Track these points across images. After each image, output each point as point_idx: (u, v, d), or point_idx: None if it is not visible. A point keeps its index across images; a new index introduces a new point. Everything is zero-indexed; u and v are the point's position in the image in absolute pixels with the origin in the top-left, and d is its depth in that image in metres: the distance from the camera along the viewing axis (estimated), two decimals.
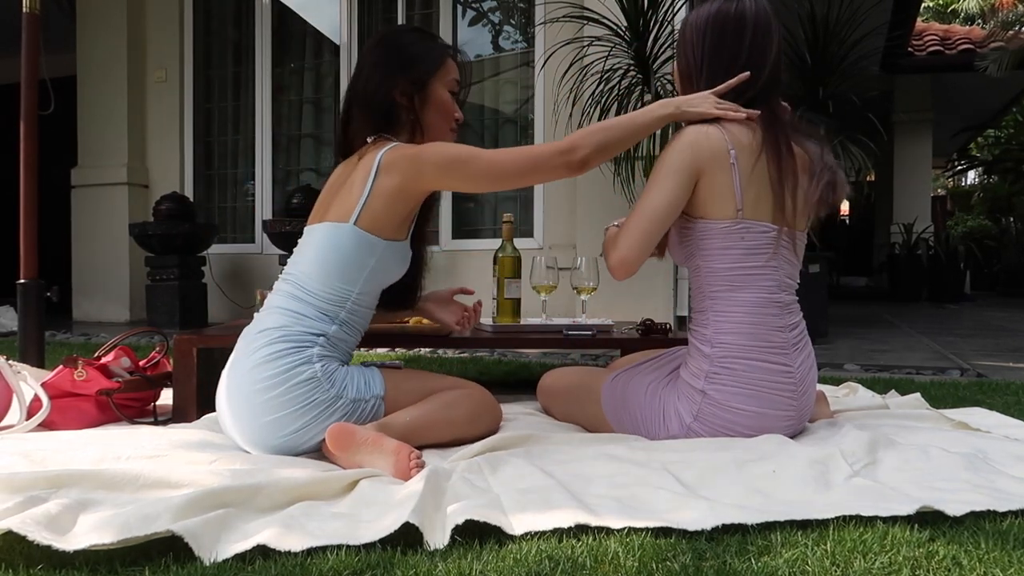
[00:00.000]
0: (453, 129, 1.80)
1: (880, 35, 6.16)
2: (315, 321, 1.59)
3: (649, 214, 1.56)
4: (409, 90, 1.68)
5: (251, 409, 1.53)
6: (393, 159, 1.60)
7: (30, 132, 2.58)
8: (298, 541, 1.05)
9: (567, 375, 1.92)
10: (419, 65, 1.70)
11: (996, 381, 2.70)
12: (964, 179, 15.67)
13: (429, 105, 1.72)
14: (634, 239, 1.55)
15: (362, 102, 1.71)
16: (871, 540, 1.05)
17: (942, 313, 6.36)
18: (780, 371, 1.56)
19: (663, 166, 1.58)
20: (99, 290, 5.32)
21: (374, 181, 1.60)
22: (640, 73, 3.39)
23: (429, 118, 1.72)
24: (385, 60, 1.69)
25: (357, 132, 1.73)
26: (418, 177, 1.60)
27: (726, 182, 1.56)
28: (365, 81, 1.70)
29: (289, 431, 1.53)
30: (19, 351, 2.50)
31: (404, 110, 1.70)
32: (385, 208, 1.60)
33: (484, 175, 1.59)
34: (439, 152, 1.59)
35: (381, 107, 1.68)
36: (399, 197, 1.61)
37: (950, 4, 13.81)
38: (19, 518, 1.04)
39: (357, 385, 1.61)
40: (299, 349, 1.55)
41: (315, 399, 1.53)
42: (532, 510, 1.15)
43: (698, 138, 1.57)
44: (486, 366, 3.11)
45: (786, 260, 1.62)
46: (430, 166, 1.58)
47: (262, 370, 1.53)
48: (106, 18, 5.32)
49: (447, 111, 1.75)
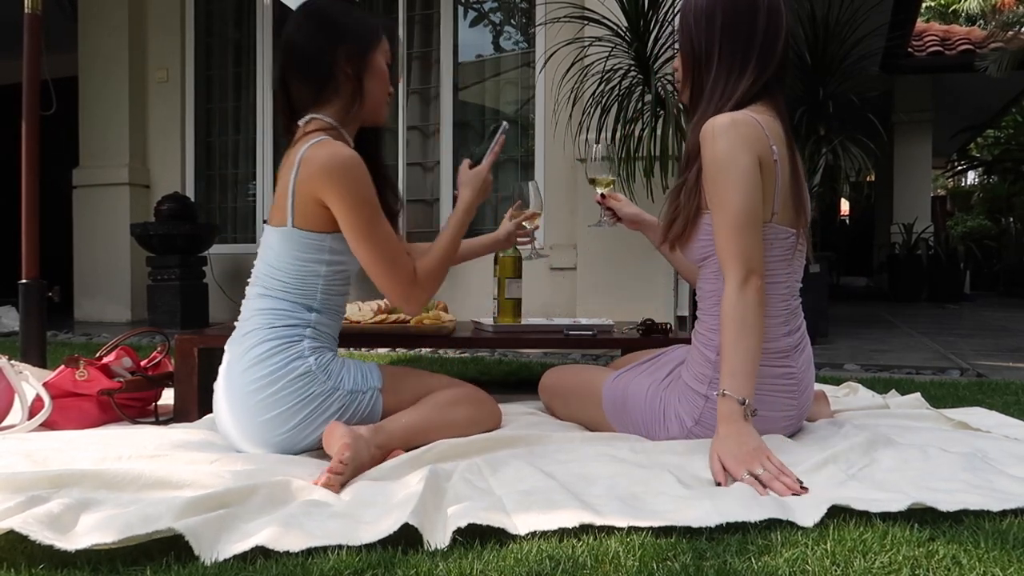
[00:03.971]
0: (386, 102, 1.76)
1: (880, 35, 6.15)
2: (295, 312, 1.58)
3: (739, 225, 1.44)
4: (354, 57, 1.63)
5: (248, 410, 1.53)
6: (306, 161, 1.54)
7: (32, 132, 2.58)
8: (297, 541, 1.05)
9: (568, 374, 1.92)
10: (359, 34, 1.66)
11: (996, 381, 2.70)
12: (964, 179, 15.67)
13: (369, 74, 1.66)
14: (736, 253, 1.44)
15: (302, 74, 1.65)
16: (871, 539, 1.06)
17: (942, 313, 6.36)
18: (783, 374, 1.55)
19: (723, 164, 1.46)
20: (100, 290, 5.32)
21: (295, 181, 1.56)
22: (640, 73, 3.39)
23: (369, 87, 1.67)
24: (324, 31, 1.64)
25: (299, 105, 1.67)
26: (320, 193, 1.54)
27: (769, 179, 1.49)
28: (303, 52, 1.64)
29: (288, 427, 1.53)
30: (21, 351, 2.50)
31: (347, 79, 1.64)
32: (315, 205, 1.56)
33: (364, 236, 1.55)
34: (349, 192, 1.53)
35: (323, 76, 1.63)
36: (319, 199, 1.56)
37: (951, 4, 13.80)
38: (21, 517, 1.04)
39: (354, 377, 1.60)
40: (289, 344, 1.55)
41: (312, 392, 1.54)
42: (535, 510, 1.15)
43: (738, 125, 1.47)
44: (487, 366, 3.12)
45: (799, 265, 1.61)
46: (332, 196, 1.53)
47: (257, 370, 1.53)
48: (107, 19, 5.32)
49: (385, 82, 1.71)
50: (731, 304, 1.43)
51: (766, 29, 1.53)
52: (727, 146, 1.46)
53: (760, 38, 1.53)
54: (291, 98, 1.68)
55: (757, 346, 1.42)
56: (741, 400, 1.38)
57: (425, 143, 4.89)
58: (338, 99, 1.66)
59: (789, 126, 1.59)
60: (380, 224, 1.57)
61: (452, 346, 2.25)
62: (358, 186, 1.54)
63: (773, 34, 1.54)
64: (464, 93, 4.81)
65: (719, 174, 1.47)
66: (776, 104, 1.58)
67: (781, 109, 1.59)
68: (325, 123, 1.64)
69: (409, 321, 2.20)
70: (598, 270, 3.86)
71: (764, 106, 1.55)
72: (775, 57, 1.55)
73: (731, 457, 1.33)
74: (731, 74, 1.54)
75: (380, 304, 2.30)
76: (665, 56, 3.37)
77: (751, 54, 1.53)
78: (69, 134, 5.33)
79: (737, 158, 1.45)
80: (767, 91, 1.56)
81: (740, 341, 1.41)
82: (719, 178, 1.47)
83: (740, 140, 1.46)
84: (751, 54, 1.53)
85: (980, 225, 11.27)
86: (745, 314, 1.42)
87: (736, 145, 1.46)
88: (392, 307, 2.30)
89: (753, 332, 1.42)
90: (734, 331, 1.42)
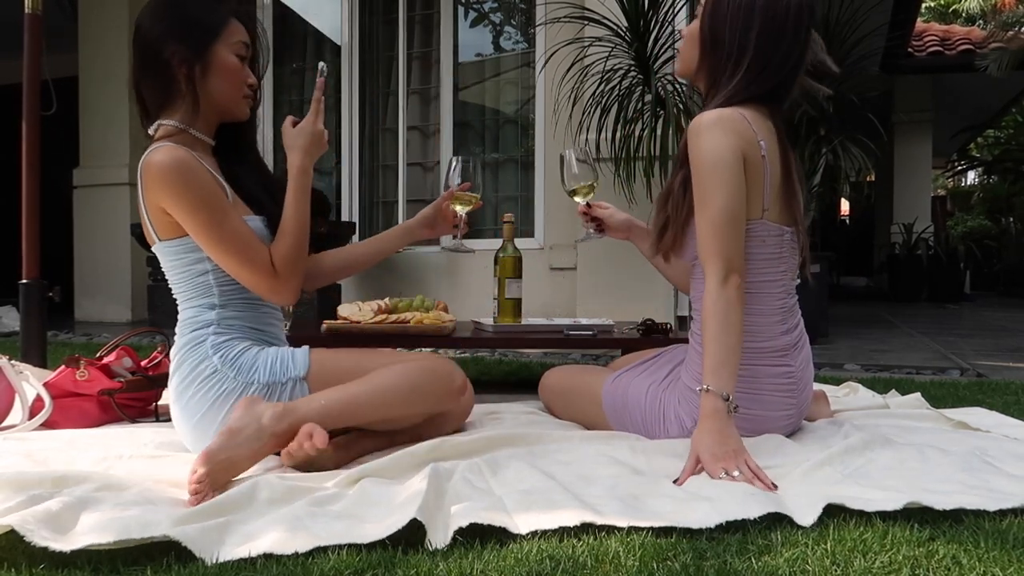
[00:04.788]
0: (247, 96, 1.61)
1: (880, 35, 6.15)
2: (198, 316, 1.54)
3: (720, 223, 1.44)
4: (188, 57, 1.52)
5: (179, 416, 1.54)
6: (143, 173, 1.49)
7: (32, 132, 2.58)
8: (304, 544, 1.05)
9: (568, 375, 1.92)
10: (198, 29, 1.53)
11: (996, 381, 2.71)
12: (964, 179, 15.67)
13: (212, 72, 1.54)
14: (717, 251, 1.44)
15: (143, 71, 1.55)
16: (871, 539, 1.06)
17: (942, 313, 6.36)
18: (782, 373, 1.55)
19: (706, 161, 1.45)
20: (101, 290, 5.32)
21: (142, 196, 1.52)
22: (640, 73, 3.39)
23: (214, 85, 1.55)
24: (164, 23, 1.53)
25: (151, 106, 1.58)
26: (160, 202, 1.49)
27: (756, 176, 1.49)
28: (142, 49, 1.54)
29: (215, 429, 1.45)
30: (21, 351, 2.50)
31: (184, 79, 1.53)
32: (164, 214, 1.50)
33: (209, 236, 1.47)
34: (181, 196, 1.46)
35: (162, 77, 1.53)
36: (162, 208, 1.50)
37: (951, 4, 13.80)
38: (19, 516, 1.04)
39: (271, 368, 1.52)
40: (194, 347, 1.52)
41: (224, 389, 1.50)
42: (536, 510, 1.15)
43: (724, 122, 1.46)
44: (487, 366, 3.12)
45: (795, 263, 1.60)
46: (168, 203, 1.48)
47: (175, 379, 1.54)
48: (108, 18, 5.32)
49: (235, 77, 1.57)
50: (712, 300, 1.43)
51: (789, 52, 1.51)
52: (711, 143, 1.45)
53: (796, 57, 1.51)
54: (143, 99, 1.59)
55: (738, 343, 1.42)
56: (724, 396, 1.38)
57: (425, 143, 4.89)
58: (181, 100, 1.55)
59: (782, 123, 1.59)
60: (225, 221, 1.48)
61: (452, 346, 2.26)
62: (188, 189, 1.45)
63: (797, 57, 1.52)
64: (464, 93, 4.82)
65: (703, 171, 1.47)
66: (777, 105, 1.57)
67: (780, 109, 1.58)
68: (171, 128, 1.55)
69: (409, 321, 2.21)
70: (598, 270, 3.86)
71: (761, 105, 1.55)
72: (793, 77, 1.54)
73: (709, 454, 1.34)
74: (749, 81, 1.51)
75: (380, 304, 2.30)
76: (665, 56, 3.38)
77: (769, 67, 1.51)
78: (69, 134, 5.33)
79: (721, 156, 1.44)
80: (773, 95, 1.55)
81: (722, 337, 1.41)
82: (702, 175, 1.47)
83: (725, 137, 1.45)
84: (769, 67, 1.51)
85: (980, 225, 11.28)
86: (727, 310, 1.42)
87: (720, 142, 1.45)
88: (392, 307, 2.31)
89: (735, 329, 1.42)
90: (716, 327, 1.41)
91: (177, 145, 1.50)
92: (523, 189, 4.60)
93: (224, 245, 1.48)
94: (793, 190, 1.56)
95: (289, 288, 1.54)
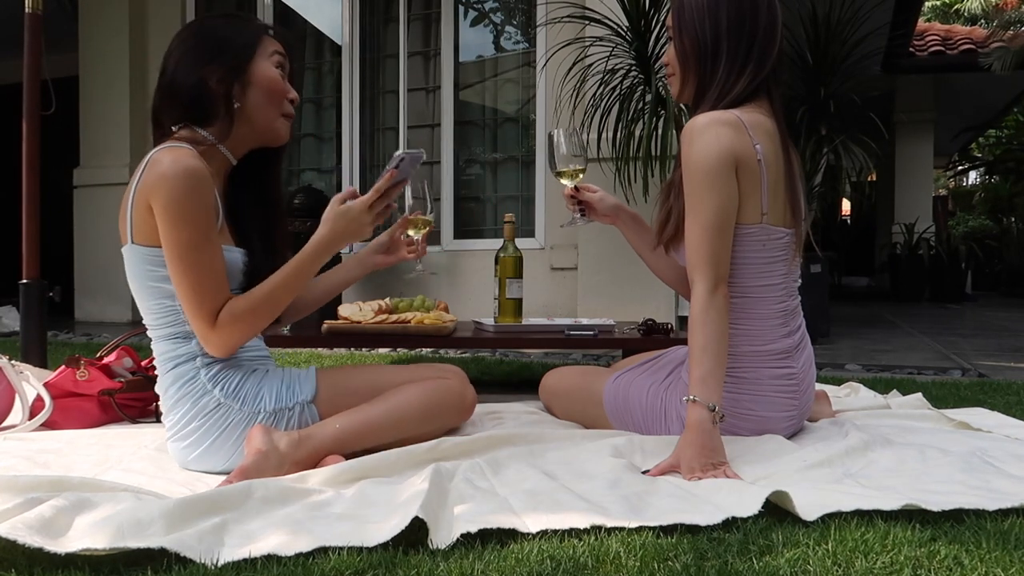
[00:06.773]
0: (287, 114, 1.56)
1: (882, 35, 6.15)
2: (173, 348, 1.47)
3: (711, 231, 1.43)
4: (226, 76, 1.47)
5: (182, 449, 1.47)
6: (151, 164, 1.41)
7: (32, 132, 2.58)
8: (307, 545, 1.04)
9: (569, 375, 1.92)
10: (234, 46, 1.49)
11: (998, 381, 2.70)
12: (965, 179, 15.67)
13: (253, 87, 1.50)
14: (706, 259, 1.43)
15: (171, 96, 1.50)
16: (873, 539, 1.05)
17: (944, 313, 6.36)
18: (784, 374, 1.55)
19: (698, 168, 1.45)
20: (101, 290, 5.32)
21: (136, 187, 1.42)
22: (641, 73, 3.39)
23: (255, 100, 1.50)
24: (195, 48, 1.49)
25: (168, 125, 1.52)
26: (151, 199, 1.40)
27: (753, 180, 1.48)
28: (173, 73, 1.49)
29: (224, 465, 1.44)
30: (21, 351, 2.50)
31: (222, 101, 1.48)
32: (148, 212, 1.41)
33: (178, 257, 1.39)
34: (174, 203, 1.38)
35: (193, 98, 1.47)
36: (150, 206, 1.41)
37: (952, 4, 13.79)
38: (9, 523, 1.02)
39: (276, 394, 1.47)
40: (187, 384, 1.45)
41: (231, 422, 1.45)
42: (543, 510, 1.15)
43: (718, 124, 1.45)
44: (488, 366, 3.12)
45: (796, 264, 1.60)
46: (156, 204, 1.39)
47: (173, 417, 1.47)
48: (108, 18, 5.32)
49: (276, 88, 1.53)
50: (702, 309, 1.42)
51: (766, 27, 1.52)
52: (702, 148, 1.45)
53: (760, 36, 1.52)
54: (161, 123, 1.53)
55: (725, 352, 1.42)
56: (711, 407, 1.37)
57: (425, 142, 4.89)
58: (216, 120, 1.50)
59: (784, 124, 1.58)
60: (203, 252, 1.40)
61: (453, 346, 2.25)
62: (188, 200, 1.38)
63: (771, 32, 1.53)
64: (465, 93, 4.81)
65: (693, 176, 1.46)
66: (771, 102, 1.57)
67: (776, 107, 1.58)
68: (199, 135, 1.49)
69: (410, 321, 2.20)
70: (599, 270, 3.86)
71: (758, 104, 1.55)
72: (772, 55, 1.54)
73: (687, 467, 1.35)
74: (731, 72, 1.52)
75: (380, 304, 2.30)
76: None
77: (752, 52, 1.52)
78: (69, 134, 5.33)
79: (711, 161, 1.44)
80: (763, 88, 1.55)
81: (710, 347, 1.40)
82: (693, 180, 1.46)
83: (717, 142, 1.44)
84: (752, 52, 1.52)
85: (982, 225, 11.27)
86: (717, 320, 1.41)
87: (711, 147, 1.44)
88: (393, 307, 2.30)
89: (723, 338, 1.42)
90: (703, 338, 1.40)
91: (195, 153, 1.44)
92: (524, 189, 4.60)
93: (186, 271, 1.40)
94: (795, 192, 1.56)
95: (222, 343, 1.43)
